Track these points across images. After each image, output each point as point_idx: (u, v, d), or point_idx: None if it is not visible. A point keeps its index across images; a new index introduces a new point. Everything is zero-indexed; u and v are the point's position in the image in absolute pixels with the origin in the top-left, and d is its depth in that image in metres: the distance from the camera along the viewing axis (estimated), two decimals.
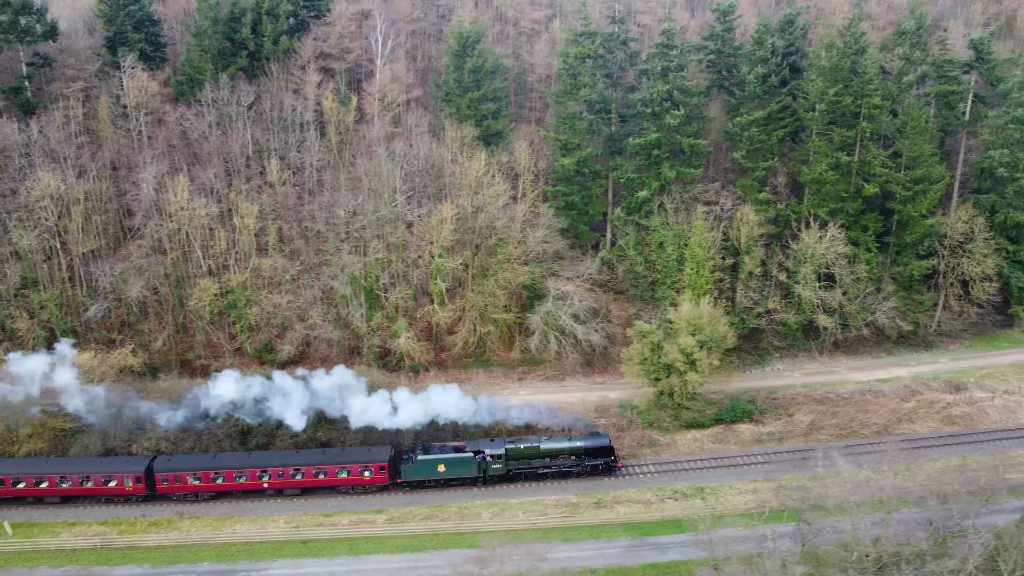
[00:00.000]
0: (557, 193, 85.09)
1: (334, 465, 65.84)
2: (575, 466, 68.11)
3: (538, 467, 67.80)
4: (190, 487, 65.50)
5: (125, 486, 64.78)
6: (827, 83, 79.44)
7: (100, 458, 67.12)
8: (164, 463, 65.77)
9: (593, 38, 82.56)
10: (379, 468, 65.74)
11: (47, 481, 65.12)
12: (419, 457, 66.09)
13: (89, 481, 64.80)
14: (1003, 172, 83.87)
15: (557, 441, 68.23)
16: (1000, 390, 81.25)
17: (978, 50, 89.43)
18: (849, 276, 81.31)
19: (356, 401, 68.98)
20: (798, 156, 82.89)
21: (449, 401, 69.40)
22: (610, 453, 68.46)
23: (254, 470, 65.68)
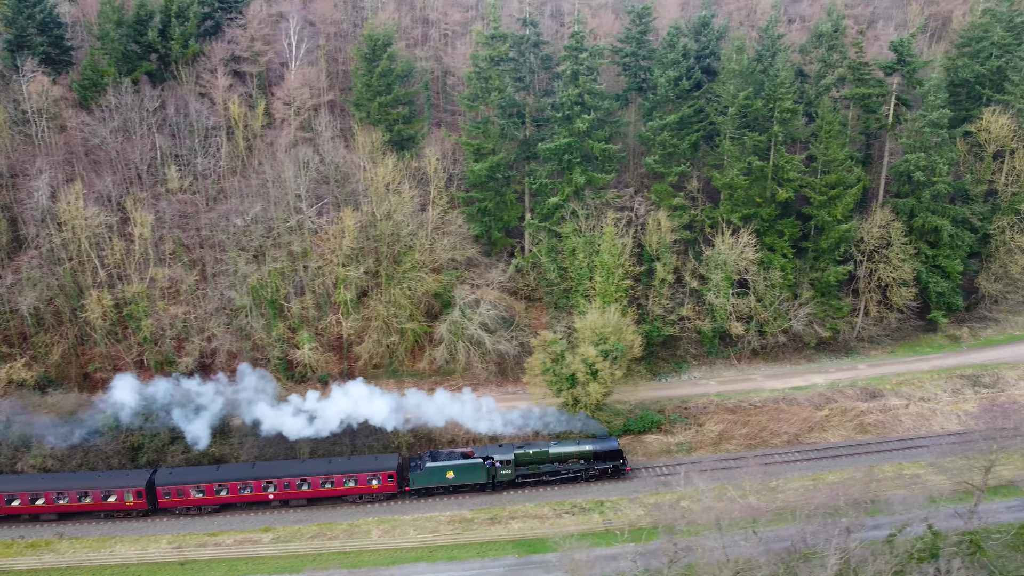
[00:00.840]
0: (469, 199, 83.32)
1: (341, 474, 64.88)
2: (584, 470, 68.17)
3: (547, 472, 67.76)
4: (193, 500, 64.25)
5: (126, 501, 63.37)
6: (738, 87, 78.11)
7: (99, 472, 65.56)
8: (166, 476, 64.23)
9: (504, 41, 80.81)
10: (387, 476, 65.11)
11: (43, 497, 63.36)
12: (428, 464, 65.50)
13: (88, 496, 63.27)
14: (920, 176, 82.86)
15: (565, 445, 68.17)
16: (916, 397, 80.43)
17: (899, 52, 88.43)
18: (763, 283, 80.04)
19: (265, 408, 67.40)
20: (712, 161, 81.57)
21: (375, 404, 68.06)
22: (619, 456, 68.69)
23: (259, 481, 64.54)
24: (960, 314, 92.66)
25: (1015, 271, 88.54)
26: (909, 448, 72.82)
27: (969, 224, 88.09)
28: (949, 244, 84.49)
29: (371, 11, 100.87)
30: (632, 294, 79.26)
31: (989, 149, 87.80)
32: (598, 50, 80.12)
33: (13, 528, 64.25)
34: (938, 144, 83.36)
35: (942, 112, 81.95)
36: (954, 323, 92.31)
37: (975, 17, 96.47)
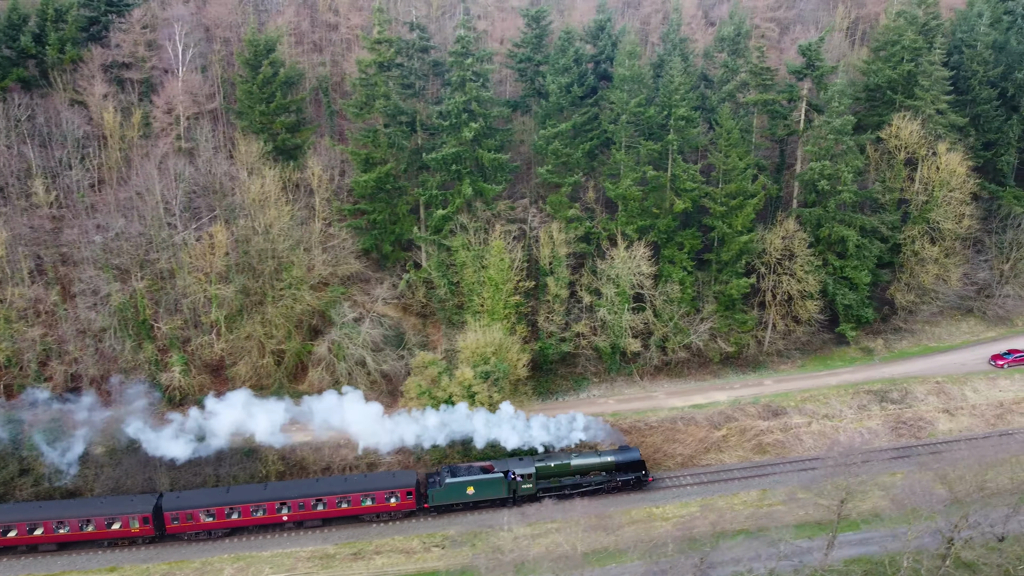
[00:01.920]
0: (357, 211, 79.54)
1: (358, 493, 63.11)
2: (606, 482, 67.10)
3: (568, 485, 66.48)
4: (203, 525, 61.81)
5: (131, 527, 60.65)
6: (631, 93, 74.91)
7: (101, 499, 62.71)
8: (173, 501, 61.81)
9: (389, 46, 77.14)
10: (405, 494, 63.55)
11: (42, 527, 60.19)
12: (447, 480, 64.09)
13: (90, 524, 60.31)
14: (825, 185, 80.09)
15: (587, 457, 66.93)
16: (820, 414, 77.60)
17: (808, 56, 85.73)
18: (660, 297, 76.86)
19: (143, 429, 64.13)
20: (608, 170, 78.29)
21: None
22: (641, 467, 67.74)
23: (272, 503, 62.30)
24: (876, 325, 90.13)
25: (927, 281, 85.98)
26: (804, 471, 69.72)
27: (880, 234, 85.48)
28: (856, 255, 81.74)
29: (271, 14, 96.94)
30: (522, 311, 75.67)
31: (899, 156, 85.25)
32: (485, 55, 76.64)
33: (11, 561, 60.17)
34: (843, 152, 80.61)
35: (846, 119, 79.23)
36: (868, 335, 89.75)
37: (889, 20, 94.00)
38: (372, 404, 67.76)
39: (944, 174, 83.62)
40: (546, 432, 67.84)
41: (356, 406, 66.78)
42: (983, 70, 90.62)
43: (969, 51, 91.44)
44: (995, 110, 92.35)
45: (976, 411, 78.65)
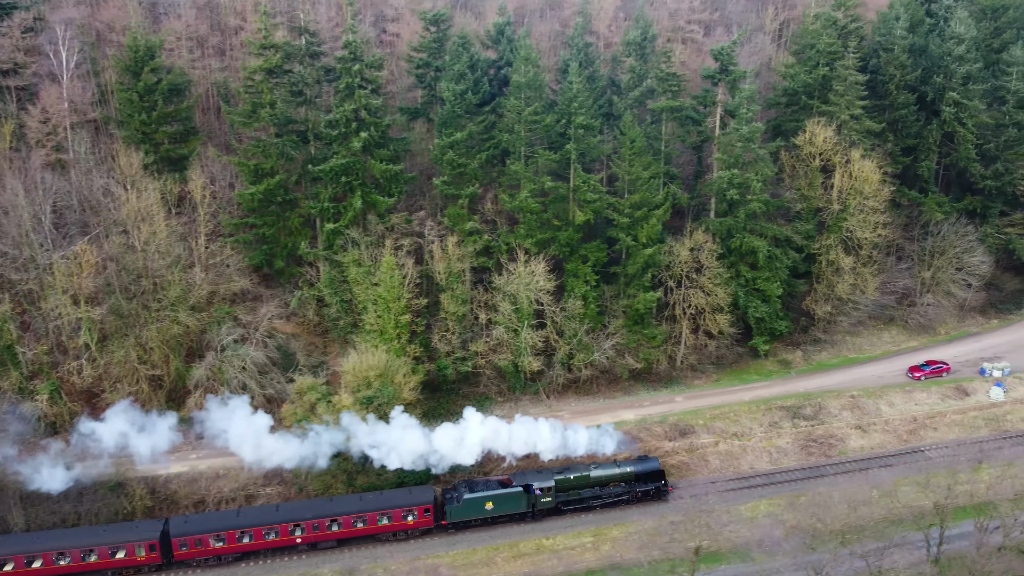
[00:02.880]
0: (244, 225, 75.54)
1: (374, 512, 61.11)
2: (625, 493, 65.76)
3: (588, 497, 65.25)
4: (213, 550, 59.12)
5: (136, 556, 57.56)
6: (526, 101, 71.64)
7: (104, 527, 59.77)
8: (181, 526, 58.97)
9: (276, 51, 73.18)
10: (423, 511, 61.91)
11: (40, 559, 56.63)
12: (465, 496, 62.51)
13: (93, 554, 57.30)
14: (734, 194, 77.40)
15: (607, 468, 65.75)
16: (729, 433, 74.86)
17: (721, 60, 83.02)
18: (561, 313, 73.67)
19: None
20: (507, 181, 74.91)
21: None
22: (661, 477, 66.50)
23: (285, 525, 59.88)
24: (795, 336, 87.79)
25: (843, 291, 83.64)
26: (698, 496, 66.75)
27: (794, 244, 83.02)
28: (768, 266, 79.15)
29: (169, 18, 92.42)
30: (415, 329, 72.08)
31: (814, 163, 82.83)
32: (375, 61, 72.93)
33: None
34: (753, 160, 77.97)
35: (754, 126, 76.64)
36: (788, 346, 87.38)
37: (808, 23, 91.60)
38: (260, 415, 63.93)
39: (858, 182, 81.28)
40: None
41: (242, 415, 63.00)
42: (900, 74, 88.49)
43: (886, 55, 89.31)
44: (914, 115, 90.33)
45: (889, 427, 76.32)
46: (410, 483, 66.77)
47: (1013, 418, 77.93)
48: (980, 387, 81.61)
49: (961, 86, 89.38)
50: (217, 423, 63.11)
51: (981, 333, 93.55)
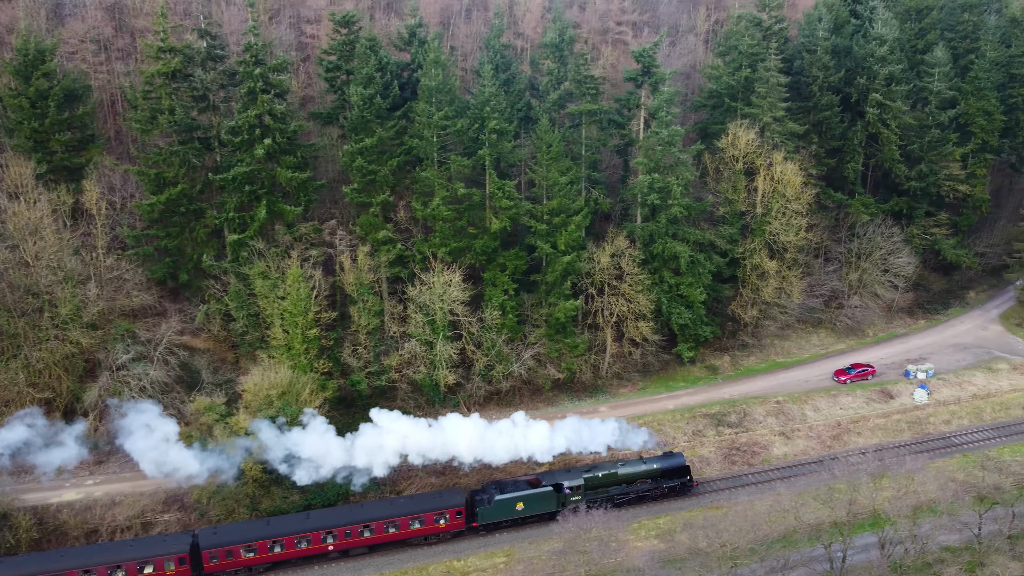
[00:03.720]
0: (146, 237, 72.07)
1: (406, 516, 60.04)
2: (652, 489, 65.72)
3: (616, 494, 64.96)
4: (244, 561, 57.38)
5: (166, 570, 55.46)
6: (436, 105, 69.29)
7: (130, 541, 58.07)
8: (211, 538, 57.20)
9: (174, 54, 69.85)
10: (455, 514, 61.04)
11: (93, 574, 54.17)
12: (497, 497, 61.61)
13: (120, 571, 54.97)
14: (655, 199, 75.90)
15: (634, 465, 65.74)
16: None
17: (642, 62, 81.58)
18: (477, 324, 71.44)
19: None
20: (420, 188, 72.44)
21: None
22: (686, 473, 66.72)
23: (317, 532, 58.45)
24: (723, 342, 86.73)
25: (768, 295, 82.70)
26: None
27: (718, 248, 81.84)
28: (690, 271, 77.78)
29: (71, 19, 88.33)
30: (324, 343, 69.28)
31: (737, 166, 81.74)
32: (279, 64, 69.99)
33: None
34: (674, 164, 76.54)
35: (673, 130, 75.17)
36: (715, 351, 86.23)
37: (732, 24, 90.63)
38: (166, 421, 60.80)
39: (781, 184, 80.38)
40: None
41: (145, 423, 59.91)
42: (823, 76, 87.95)
43: (810, 56, 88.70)
44: (838, 116, 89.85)
45: (813, 432, 75.40)
46: (318, 506, 63.99)
47: (935, 420, 77.63)
48: (904, 389, 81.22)
49: (884, 87, 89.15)
50: (121, 431, 59.91)
51: (908, 334, 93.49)
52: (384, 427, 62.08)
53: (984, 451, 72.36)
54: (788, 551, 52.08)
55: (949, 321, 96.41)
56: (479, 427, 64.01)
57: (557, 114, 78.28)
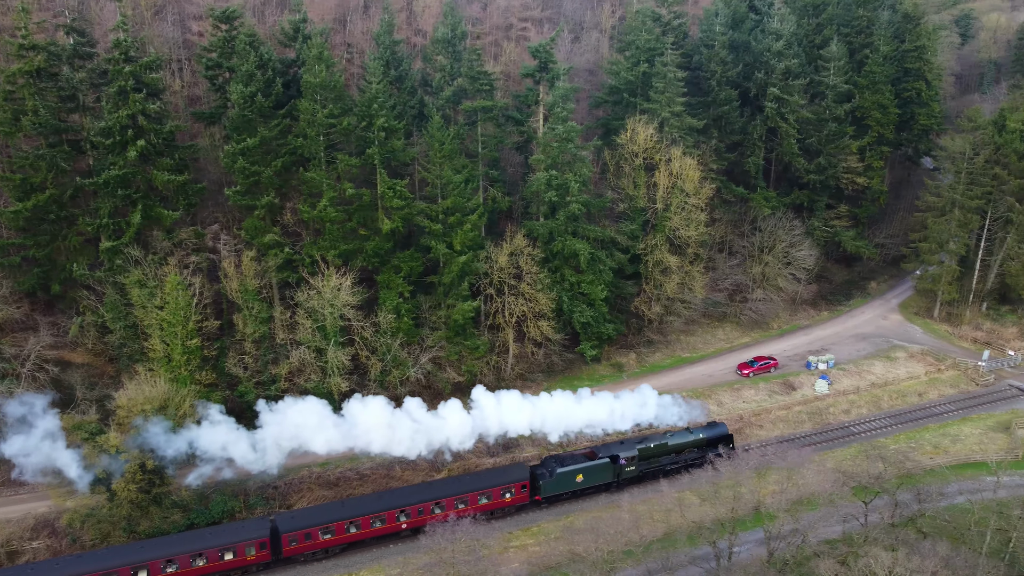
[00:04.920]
0: (11, 247, 67.58)
1: (475, 492, 61.23)
2: (699, 458, 67.39)
3: (666, 464, 67.34)
4: (321, 543, 57.53)
5: (247, 555, 55.51)
6: (319, 103, 66.68)
7: (210, 529, 57.73)
8: (288, 522, 57.29)
9: (37, 52, 65.57)
10: (520, 487, 62.52)
11: (147, 569, 53.01)
12: (558, 470, 63.39)
13: (201, 558, 54.53)
14: (552, 196, 74.67)
15: (683, 436, 68.36)
16: (554, 444, 71.63)
17: (540, 58, 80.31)
18: (370, 328, 69.04)
19: None
20: (307, 189, 69.67)
21: None
22: (730, 441, 69.51)
23: (392, 511, 59.09)
24: (629, 339, 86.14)
25: (671, 291, 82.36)
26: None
27: (620, 245, 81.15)
28: (591, 269, 76.78)
29: None
30: (207, 353, 65.97)
31: (636, 162, 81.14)
32: (152, 62, 66.41)
33: None
34: (571, 161, 75.44)
35: (570, 125, 74.02)
36: (622, 349, 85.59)
37: (631, 20, 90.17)
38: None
39: (680, 180, 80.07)
40: None
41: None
42: (721, 70, 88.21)
43: (707, 51, 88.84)
44: (737, 111, 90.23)
45: None
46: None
47: (835, 411, 78.34)
48: (806, 381, 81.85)
49: (781, 81, 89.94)
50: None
51: (811, 326, 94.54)
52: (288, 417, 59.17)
53: (880, 439, 73.22)
54: (670, 551, 51.11)
55: (851, 312, 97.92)
56: (386, 414, 61.48)
57: (452, 111, 76.37)
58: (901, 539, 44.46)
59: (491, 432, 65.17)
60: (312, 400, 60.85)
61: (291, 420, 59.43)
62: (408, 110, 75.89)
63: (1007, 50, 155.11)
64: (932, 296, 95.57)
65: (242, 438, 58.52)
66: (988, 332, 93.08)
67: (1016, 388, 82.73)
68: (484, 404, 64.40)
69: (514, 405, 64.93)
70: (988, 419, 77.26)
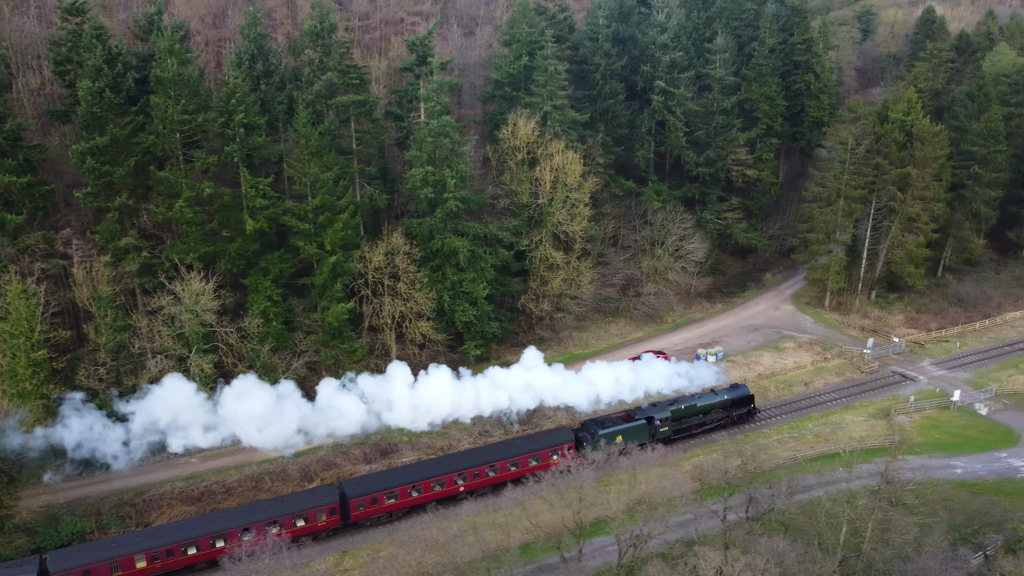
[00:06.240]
0: None
1: (526, 455, 64.31)
2: (724, 418, 72.63)
3: (694, 424, 71.57)
4: (386, 507, 59.89)
5: (318, 521, 57.65)
6: (172, 98, 63.46)
7: (281, 498, 59.30)
8: (355, 487, 59.69)
9: None
10: (567, 449, 65.31)
11: (225, 538, 54.49)
12: (600, 432, 66.40)
13: (275, 526, 55.81)
14: (430, 193, 72.70)
15: (709, 398, 72.32)
16: (436, 447, 69.91)
17: (417, 51, 78.41)
18: (235, 334, 66.06)
19: None
20: (165, 190, 66.31)
21: None
22: (751, 402, 74.01)
23: (451, 475, 61.75)
24: (520, 337, 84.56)
25: (557, 287, 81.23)
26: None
27: (504, 241, 79.64)
28: (472, 267, 75.08)
29: None
30: (56, 366, 62.18)
31: (519, 157, 79.74)
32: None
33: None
34: (448, 156, 73.60)
35: (444, 120, 72.15)
36: (512, 348, 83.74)
37: (515, 13, 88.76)
38: None
39: (563, 174, 78.96)
40: None
41: None
42: (606, 63, 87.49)
43: (592, 44, 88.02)
44: (622, 104, 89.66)
45: None
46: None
47: None
48: None
49: (667, 74, 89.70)
50: None
51: (705, 318, 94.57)
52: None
53: (764, 429, 73.32)
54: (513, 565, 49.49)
55: (745, 303, 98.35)
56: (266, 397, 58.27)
57: (324, 107, 73.75)
58: (741, 537, 43.79)
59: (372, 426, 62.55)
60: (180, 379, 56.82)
61: (161, 405, 55.25)
62: (277, 106, 73.03)
63: (905, 44, 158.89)
64: (822, 286, 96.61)
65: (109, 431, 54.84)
66: (876, 320, 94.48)
67: (899, 374, 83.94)
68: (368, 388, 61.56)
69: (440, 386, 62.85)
70: (870, 406, 78.08)
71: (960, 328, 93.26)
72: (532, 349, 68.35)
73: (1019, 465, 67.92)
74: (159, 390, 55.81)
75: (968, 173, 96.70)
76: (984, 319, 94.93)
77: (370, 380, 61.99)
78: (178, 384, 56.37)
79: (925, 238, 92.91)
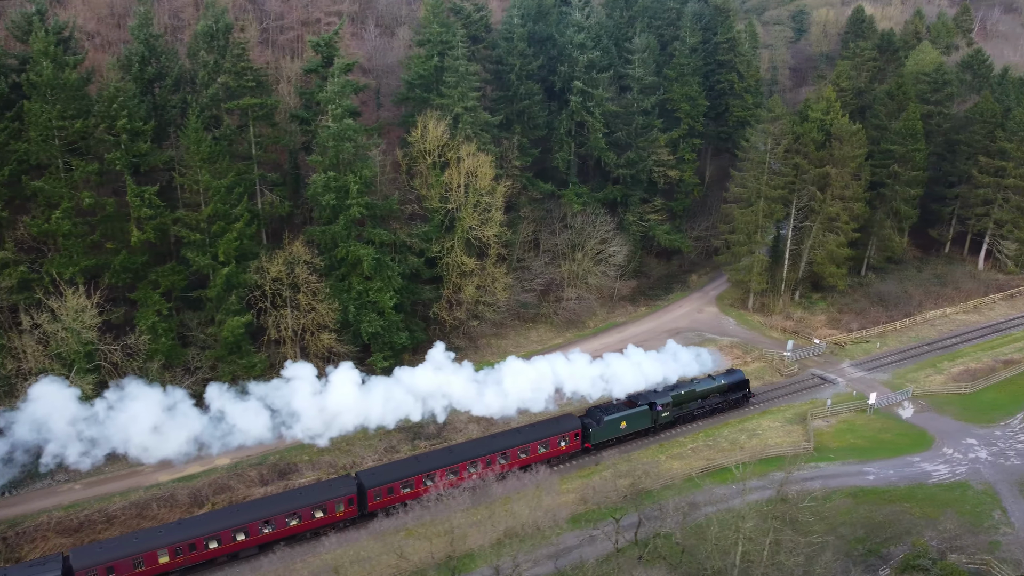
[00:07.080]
0: None
1: (535, 442, 64.86)
2: (721, 402, 74.19)
3: (694, 409, 72.73)
4: (402, 496, 59.56)
5: (336, 512, 57.52)
6: (52, 104, 59.80)
7: (299, 490, 59.12)
8: (371, 478, 59.63)
9: None
10: (574, 435, 66.11)
11: (245, 531, 54.58)
12: (605, 418, 67.22)
13: (295, 517, 56.32)
14: (331, 199, 69.89)
15: (707, 383, 73.62)
16: (338, 466, 67.16)
17: (323, 53, 75.49)
18: (121, 352, 62.62)
19: None
20: (43, 200, 62.54)
21: None
22: (746, 386, 75.42)
23: (463, 464, 62.05)
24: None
25: (470, 294, 79.01)
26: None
27: (414, 248, 77.13)
28: (378, 275, 72.44)
29: None
30: None
31: (428, 160, 77.30)
32: None
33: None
34: (351, 161, 70.87)
35: (346, 123, 69.41)
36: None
37: (427, 12, 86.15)
38: None
39: (473, 178, 76.73)
40: None
41: None
42: (521, 64, 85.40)
43: (506, 44, 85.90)
44: (539, 105, 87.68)
45: None
46: None
47: None
48: None
49: (585, 74, 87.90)
50: None
51: (628, 323, 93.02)
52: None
53: (678, 438, 71.85)
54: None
55: (669, 306, 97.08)
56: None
57: (220, 111, 70.48)
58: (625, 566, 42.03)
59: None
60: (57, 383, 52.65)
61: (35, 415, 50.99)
62: (170, 110, 69.61)
63: (836, 43, 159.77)
64: (746, 287, 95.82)
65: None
66: (798, 321, 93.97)
67: (819, 377, 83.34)
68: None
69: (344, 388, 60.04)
70: (788, 410, 77.16)
71: (881, 328, 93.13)
72: (440, 345, 65.63)
73: (931, 469, 67.49)
74: (33, 396, 51.67)
75: (888, 172, 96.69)
76: (905, 318, 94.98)
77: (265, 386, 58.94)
78: (54, 390, 52.35)
79: (846, 237, 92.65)
